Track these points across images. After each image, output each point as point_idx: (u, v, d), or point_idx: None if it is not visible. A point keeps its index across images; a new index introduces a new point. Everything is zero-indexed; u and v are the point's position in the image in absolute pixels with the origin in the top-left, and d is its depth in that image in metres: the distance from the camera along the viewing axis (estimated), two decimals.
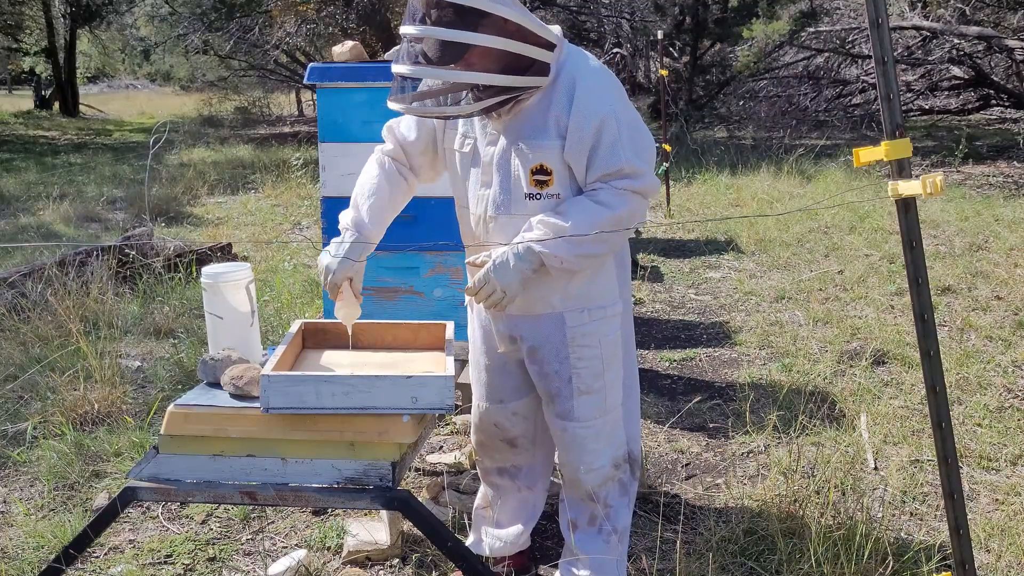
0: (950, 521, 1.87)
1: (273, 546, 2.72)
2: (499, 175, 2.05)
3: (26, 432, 3.42)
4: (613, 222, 1.95)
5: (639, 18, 15.66)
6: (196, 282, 5.19)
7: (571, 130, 1.95)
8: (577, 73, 1.98)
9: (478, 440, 2.44)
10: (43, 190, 9.56)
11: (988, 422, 3.46)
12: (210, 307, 2.29)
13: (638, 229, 7.17)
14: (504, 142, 2.03)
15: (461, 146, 2.13)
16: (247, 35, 15.02)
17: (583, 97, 1.95)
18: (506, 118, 2.02)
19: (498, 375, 2.29)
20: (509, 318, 2.17)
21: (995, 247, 6.23)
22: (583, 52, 2.05)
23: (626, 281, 2.22)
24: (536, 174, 2.00)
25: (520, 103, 1.99)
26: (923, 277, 1.80)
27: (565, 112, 1.96)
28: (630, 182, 1.96)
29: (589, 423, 2.16)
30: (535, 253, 1.96)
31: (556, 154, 1.98)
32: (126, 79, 36.31)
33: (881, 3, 1.72)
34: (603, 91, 1.97)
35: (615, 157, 1.94)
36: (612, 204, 1.96)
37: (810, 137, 12.10)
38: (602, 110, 1.94)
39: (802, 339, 4.47)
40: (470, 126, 2.11)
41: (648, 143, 2.02)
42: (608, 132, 1.94)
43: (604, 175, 1.96)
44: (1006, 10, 13.35)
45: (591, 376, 2.14)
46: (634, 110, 2.03)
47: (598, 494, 2.22)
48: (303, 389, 1.94)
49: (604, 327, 2.14)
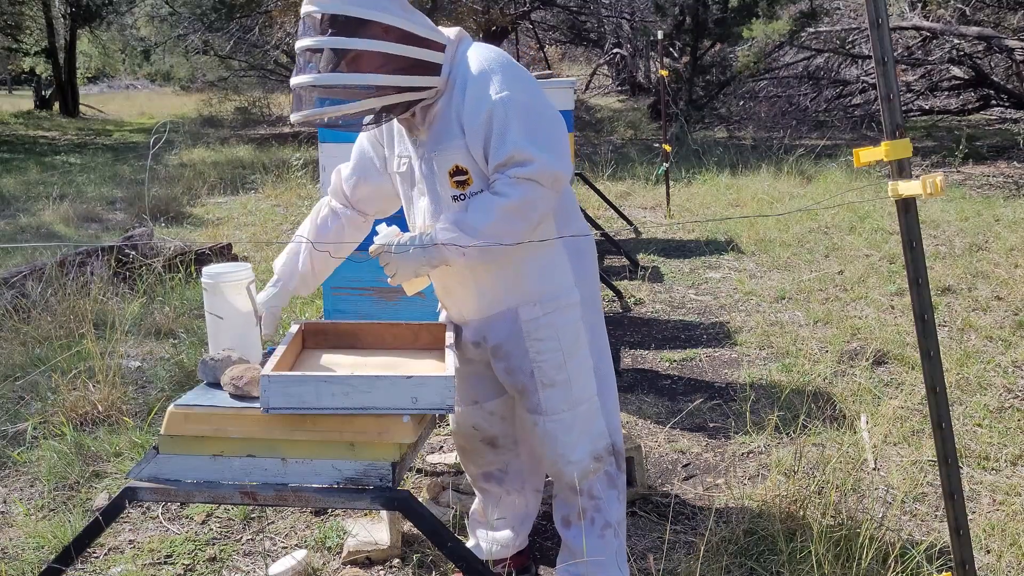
0: (950, 521, 1.87)
1: (273, 546, 2.72)
2: (427, 184, 2.09)
3: (26, 432, 3.42)
4: (508, 211, 1.94)
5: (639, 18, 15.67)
6: (196, 282, 5.20)
7: (466, 125, 1.98)
8: (468, 67, 2.00)
9: (460, 446, 2.46)
10: (43, 190, 9.57)
11: (988, 422, 3.46)
12: (210, 307, 2.29)
13: (637, 229, 7.18)
14: (426, 151, 2.08)
15: (399, 167, 2.18)
16: (247, 35, 15.03)
17: (472, 89, 1.98)
18: (424, 129, 2.06)
19: (471, 377, 2.31)
20: (471, 324, 2.22)
21: (995, 247, 6.23)
22: (481, 46, 2.06)
23: (586, 271, 2.22)
24: (455, 176, 2.03)
25: (429, 109, 2.04)
26: (923, 277, 1.80)
27: (462, 108, 1.99)
28: (519, 169, 1.93)
29: (558, 416, 2.17)
30: (436, 248, 1.98)
31: (464, 152, 2.00)
32: (126, 79, 36.30)
33: (881, 3, 1.72)
34: (489, 80, 1.97)
35: (504, 145, 1.94)
36: (506, 193, 1.94)
37: (810, 137, 12.11)
38: (488, 99, 1.95)
39: (802, 339, 4.47)
40: (404, 146, 2.16)
41: (549, 128, 1.99)
42: (497, 120, 1.94)
43: (497, 165, 1.96)
44: (1006, 10, 13.36)
45: (552, 368, 2.14)
46: (536, 96, 2.01)
47: (580, 487, 2.22)
48: (303, 389, 1.94)
49: (560, 318, 2.14)
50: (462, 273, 2.12)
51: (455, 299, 2.22)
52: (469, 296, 2.17)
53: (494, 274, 2.11)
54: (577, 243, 2.19)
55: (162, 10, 18.40)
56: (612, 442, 2.25)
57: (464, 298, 2.19)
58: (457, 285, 2.18)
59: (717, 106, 14.45)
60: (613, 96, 20.75)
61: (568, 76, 11.15)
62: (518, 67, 2.05)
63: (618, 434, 2.29)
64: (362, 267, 3.36)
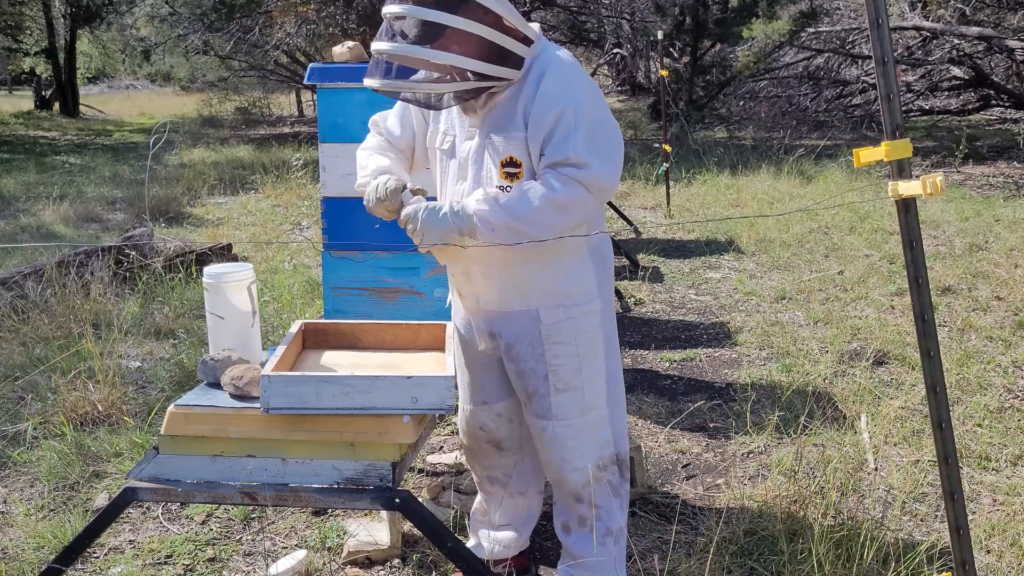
0: (950, 521, 1.87)
1: (273, 546, 2.72)
2: (473, 169, 2.08)
3: (26, 432, 3.42)
4: (551, 203, 1.94)
5: (639, 18, 15.66)
6: (196, 282, 5.20)
7: (532, 119, 1.98)
8: (547, 66, 2.00)
9: (466, 447, 2.46)
10: (43, 190, 9.56)
11: (988, 422, 3.46)
12: (211, 307, 2.29)
13: (637, 229, 7.18)
14: (479, 137, 2.06)
15: (441, 143, 2.16)
16: (247, 35, 15.01)
17: (547, 87, 1.97)
18: (481, 113, 2.05)
19: (481, 375, 2.30)
20: (487, 314, 2.19)
21: (995, 247, 6.23)
22: (558, 49, 2.06)
23: (607, 280, 2.22)
24: (506, 167, 2.02)
25: (494, 96, 2.02)
26: (923, 277, 1.80)
27: (531, 102, 1.98)
28: (573, 170, 1.94)
29: (569, 421, 2.16)
30: (468, 215, 1.96)
31: (523, 145, 2.00)
32: (126, 79, 36.28)
33: (881, 3, 1.72)
34: (568, 84, 1.98)
35: (565, 146, 1.94)
36: (555, 187, 1.94)
37: (810, 137, 12.10)
38: (562, 101, 1.95)
39: (802, 339, 4.47)
40: (450, 123, 2.14)
41: (609, 142, 2.00)
42: (564, 122, 1.95)
43: (552, 162, 1.96)
44: (1006, 10, 13.34)
45: (568, 373, 2.14)
46: (604, 110, 2.02)
47: (583, 495, 2.21)
48: (303, 389, 1.94)
49: (580, 324, 2.14)
50: (487, 261, 2.09)
51: (475, 287, 2.18)
52: (491, 286, 2.15)
53: (520, 270, 2.09)
54: (603, 251, 2.20)
55: (162, 10, 18.39)
56: (616, 451, 2.25)
57: (485, 287, 2.16)
58: (479, 274, 2.15)
59: (717, 106, 14.44)
60: (613, 96, 20.77)
61: None
62: (589, 77, 2.07)
63: (624, 444, 2.29)
64: (362, 267, 3.36)
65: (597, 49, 20.45)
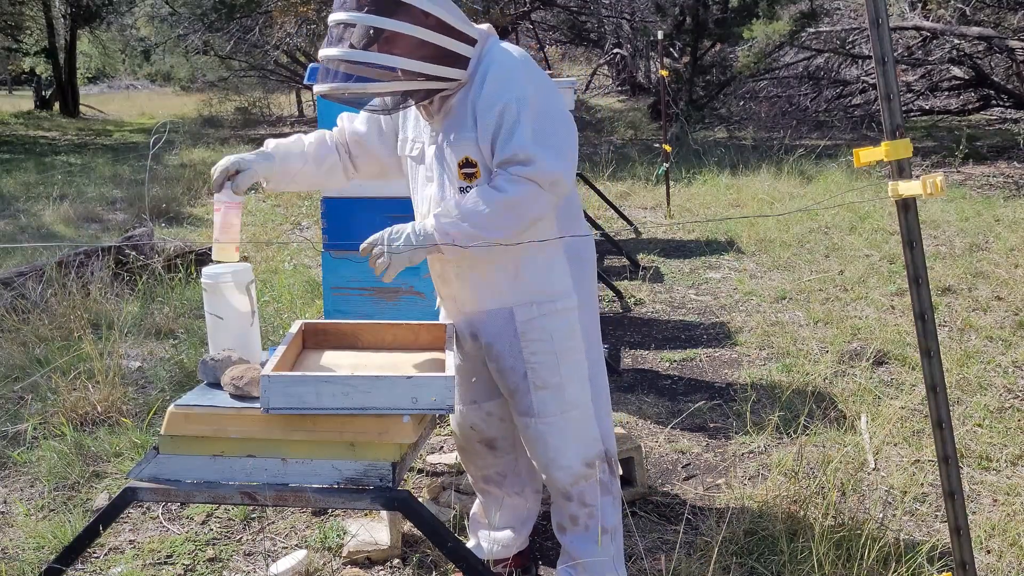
0: (950, 521, 1.87)
1: (273, 546, 2.72)
2: (437, 172, 2.11)
3: (26, 432, 3.42)
4: (502, 206, 1.95)
5: (639, 18, 15.66)
6: (196, 282, 5.19)
7: (479, 118, 1.99)
8: (491, 63, 2.02)
9: (460, 447, 2.48)
10: (43, 190, 9.56)
11: (988, 422, 3.46)
12: (211, 307, 2.29)
13: (637, 229, 7.18)
14: (440, 140, 2.09)
15: (411, 151, 2.19)
16: (247, 35, 15.02)
17: (490, 84, 1.99)
18: (439, 117, 2.08)
19: (470, 375, 2.32)
20: (466, 315, 2.22)
21: (995, 247, 6.23)
22: (506, 45, 2.08)
23: (585, 277, 2.22)
24: (463, 167, 2.04)
25: (447, 100, 2.05)
26: (923, 277, 1.80)
27: (477, 101, 2.00)
28: (520, 168, 1.94)
29: (550, 419, 2.17)
30: (430, 234, 1.99)
31: (475, 145, 2.02)
32: (126, 79, 36.27)
33: (881, 3, 1.72)
34: (510, 78, 1.99)
35: (511, 143, 1.95)
36: (504, 188, 1.96)
37: (810, 137, 12.10)
38: (505, 96, 1.96)
39: (802, 339, 4.47)
40: (419, 131, 2.17)
41: (560, 133, 2.00)
42: (508, 117, 1.96)
43: (501, 161, 1.98)
44: (1006, 10, 13.34)
45: (546, 371, 2.15)
46: (553, 101, 2.03)
47: (571, 493, 2.22)
48: (303, 389, 1.94)
49: (555, 321, 2.14)
50: (459, 264, 2.12)
51: (451, 289, 2.22)
52: (464, 288, 2.18)
53: (491, 269, 2.11)
54: (577, 248, 2.19)
55: (162, 10, 18.41)
56: (605, 448, 2.25)
57: (459, 289, 2.19)
58: (454, 276, 2.18)
59: (717, 106, 14.44)
60: (613, 96, 20.75)
61: (568, 76, 11.15)
62: (538, 70, 2.07)
63: (611, 440, 2.29)
64: (362, 267, 3.35)
65: (597, 49, 20.45)
